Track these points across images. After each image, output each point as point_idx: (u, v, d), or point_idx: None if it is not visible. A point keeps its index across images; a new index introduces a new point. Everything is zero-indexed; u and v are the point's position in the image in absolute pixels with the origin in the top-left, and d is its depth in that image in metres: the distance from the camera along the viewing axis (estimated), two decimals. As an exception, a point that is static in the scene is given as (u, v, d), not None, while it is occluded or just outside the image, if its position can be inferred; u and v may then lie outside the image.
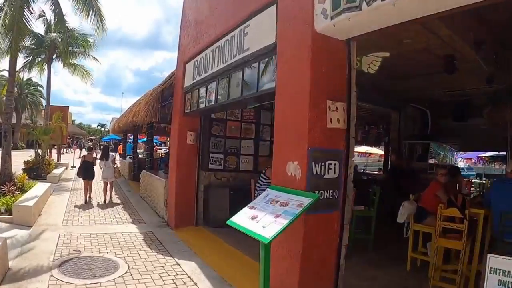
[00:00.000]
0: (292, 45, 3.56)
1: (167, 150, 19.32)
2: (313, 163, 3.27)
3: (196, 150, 7.25)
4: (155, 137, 17.67)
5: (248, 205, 3.31)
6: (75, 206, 8.62)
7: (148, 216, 7.99)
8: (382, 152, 22.64)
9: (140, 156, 16.38)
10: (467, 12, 2.88)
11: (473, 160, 22.54)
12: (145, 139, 23.78)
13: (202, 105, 6.03)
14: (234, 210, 6.87)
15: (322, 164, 3.34)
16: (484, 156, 21.12)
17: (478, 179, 15.01)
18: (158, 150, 22.32)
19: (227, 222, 3.20)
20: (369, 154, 22.90)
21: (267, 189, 3.46)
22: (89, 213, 7.94)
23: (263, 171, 6.28)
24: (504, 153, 13.02)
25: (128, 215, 8.01)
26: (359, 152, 20.07)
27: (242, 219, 3.15)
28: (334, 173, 3.43)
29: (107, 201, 9.35)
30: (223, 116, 7.44)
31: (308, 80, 3.30)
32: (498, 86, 6.68)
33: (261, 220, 2.98)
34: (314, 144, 3.28)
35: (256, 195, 6.17)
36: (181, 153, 7.11)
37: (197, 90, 6.25)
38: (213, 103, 5.51)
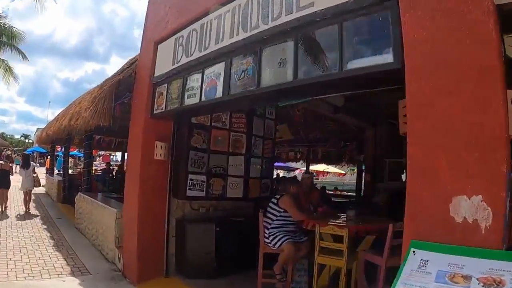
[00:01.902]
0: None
1: (104, 167, 16.32)
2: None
3: (167, 168, 5.15)
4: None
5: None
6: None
7: (92, 260, 5.51)
8: (341, 171, 21.90)
9: (71, 172, 13.33)
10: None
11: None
12: (78, 152, 20.38)
13: (191, 100, 3.99)
14: (224, 255, 4.99)
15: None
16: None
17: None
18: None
19: None
20: (326, 173, 21.77)
21: (414, 250, 1.69)
22: (6, 257, 5.28)
23: (275, 200, 4.44)
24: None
25: (63, 259, 5.46)
26: (316, 171, 18.82)
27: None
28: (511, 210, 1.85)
29: (26, 211, 9.24)
30: (207, 122, 5.33)
31: (496, 48, 1.74)
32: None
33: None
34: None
35: (268, 234, 4.31)
36: (145, 173, 4.90)
37: (181, 79, 4.25)
38: (219, 95, 3.49)
